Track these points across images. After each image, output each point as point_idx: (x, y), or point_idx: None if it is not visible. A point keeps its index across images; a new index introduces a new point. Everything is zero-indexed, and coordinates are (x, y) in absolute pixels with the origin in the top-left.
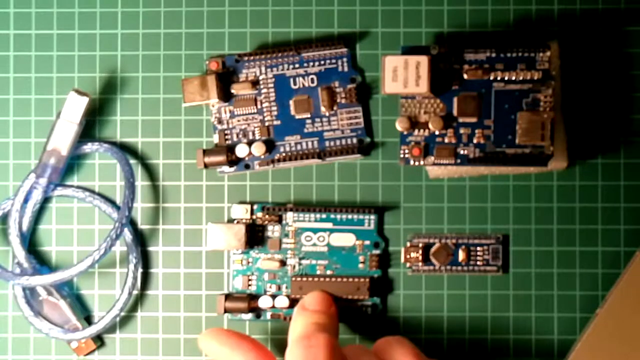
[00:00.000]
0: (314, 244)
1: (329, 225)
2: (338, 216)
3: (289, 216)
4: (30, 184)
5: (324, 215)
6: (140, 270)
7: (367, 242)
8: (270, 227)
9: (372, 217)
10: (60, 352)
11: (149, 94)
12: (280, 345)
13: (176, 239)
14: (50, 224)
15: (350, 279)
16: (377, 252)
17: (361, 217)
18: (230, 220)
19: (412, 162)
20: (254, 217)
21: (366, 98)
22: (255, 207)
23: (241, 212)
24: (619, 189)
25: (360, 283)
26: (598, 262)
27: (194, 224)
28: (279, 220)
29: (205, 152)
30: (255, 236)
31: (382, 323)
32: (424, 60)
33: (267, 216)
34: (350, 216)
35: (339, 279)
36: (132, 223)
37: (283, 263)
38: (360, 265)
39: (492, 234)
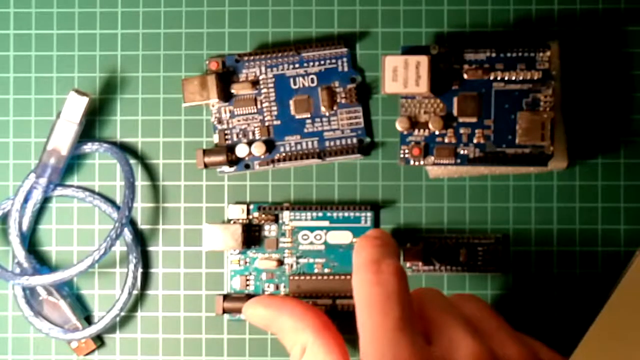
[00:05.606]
0: (311, 243)
1: (326, 223)
2: (334, 214)
3: (286, 215)
4: (30, 184)
5: (320, 214)
6: (140, 270)
7: None
8: (267, 227)
9: (369, 214)
10: (60, 352)
11: (149, 94)
12: (282, 345)
13: (176, 239)
14: (50, 224)
15: (349, 277)
16: None
17: (357, 214)
18: (227, 221)
19: (412, 162)
20: (251, 217)
21: (366, 98)
22: (251, 207)
23: (237, 212)
24: (619, 189)
25: None
26: (598, 262)
27: (194, 224)
28: (276, 220)
29: (205, 152)
30: (252, 236)
31: None
32: (424, 60)
33: (263, 216)
34: (346, 214)
35: (336, 277)
36: (132, 223)
37: (280, 262)
38: None
39: (492, 234)
